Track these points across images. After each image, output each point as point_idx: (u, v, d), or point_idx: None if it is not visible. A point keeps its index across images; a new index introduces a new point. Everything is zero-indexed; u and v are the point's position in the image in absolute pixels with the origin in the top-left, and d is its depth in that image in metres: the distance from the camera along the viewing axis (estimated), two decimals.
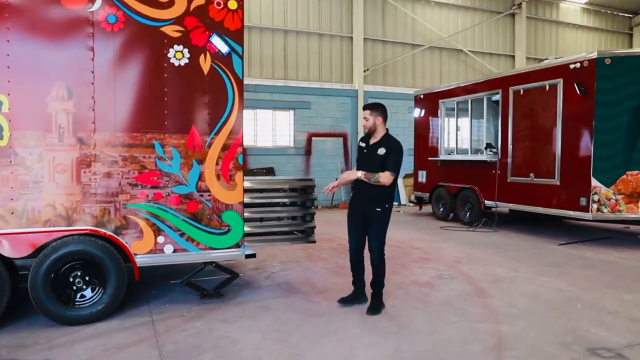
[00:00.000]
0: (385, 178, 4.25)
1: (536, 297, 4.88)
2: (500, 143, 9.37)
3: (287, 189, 5.23)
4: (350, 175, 4.43)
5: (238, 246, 4.60)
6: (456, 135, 10.90)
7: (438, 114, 11.14)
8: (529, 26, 17.47)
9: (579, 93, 7.64)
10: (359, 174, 4.31)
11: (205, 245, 4.48)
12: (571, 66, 7.80)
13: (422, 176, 11.74)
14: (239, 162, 4.58)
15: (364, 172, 4.30)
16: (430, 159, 11.34)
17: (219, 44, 4.46)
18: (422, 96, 11.86)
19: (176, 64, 4.34)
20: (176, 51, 4.34)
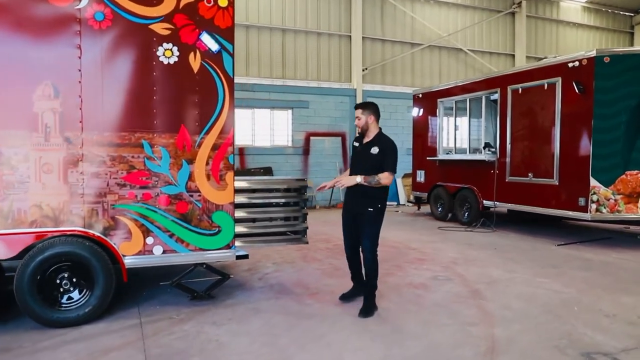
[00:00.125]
0: (386, 179, 4.21)
1: (532, 300, 4.80)
2: (498, 142, 9.29)
3: (278, 189, 5.15)
4: (349, 181, 4.31)
5: (229, 247, 4.54)
6: (455, 134, 10.83)
7: (436, 113, 11.06)
8: (529, 25, 17.36)
9: (577, 92, 7.56)
10: (358, 179, 4.24)
11: (195, 247, 4.41)
12: (570, 65, 7.71)
13: (421, 176, 11.66)
14: (230, 162, 4.51)
15: (363, 177, 4.22)
16: (429, 158, 11.27)
17: (209, 41, 4.39)
18: (420, 95, 11.78)
19: (165, 62, 4.27)
20: (165, 49, 4.26)
